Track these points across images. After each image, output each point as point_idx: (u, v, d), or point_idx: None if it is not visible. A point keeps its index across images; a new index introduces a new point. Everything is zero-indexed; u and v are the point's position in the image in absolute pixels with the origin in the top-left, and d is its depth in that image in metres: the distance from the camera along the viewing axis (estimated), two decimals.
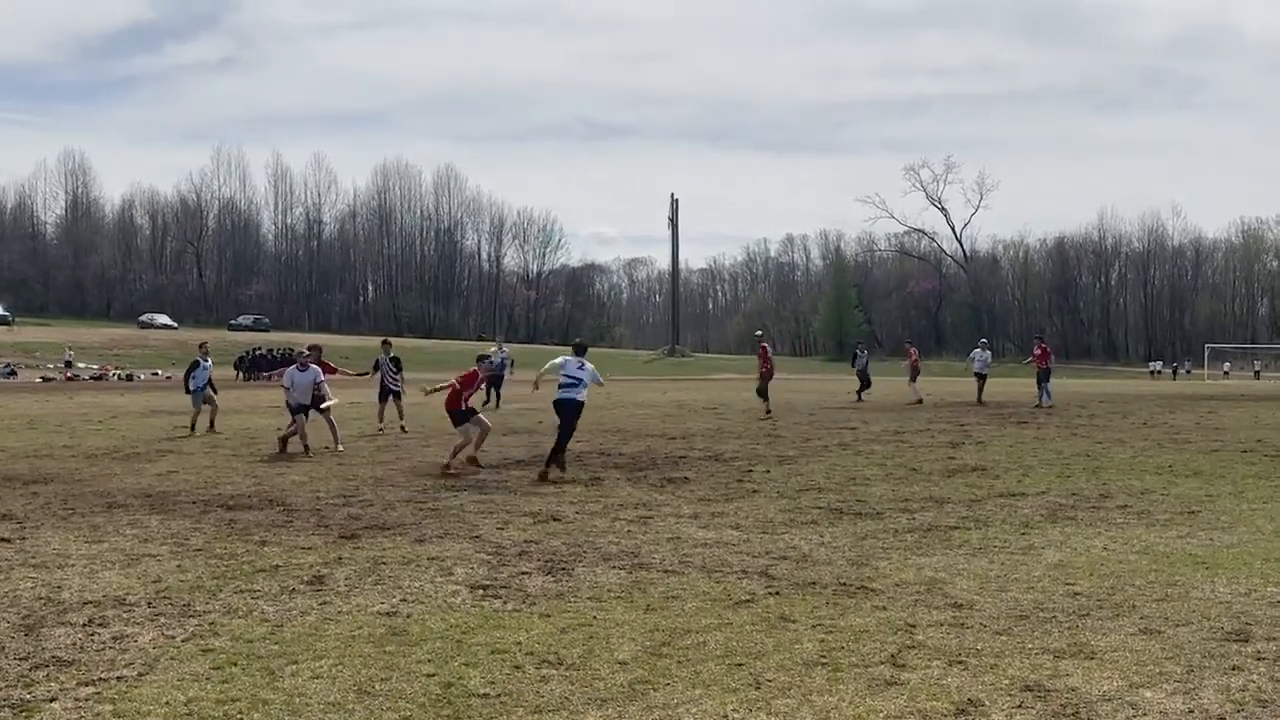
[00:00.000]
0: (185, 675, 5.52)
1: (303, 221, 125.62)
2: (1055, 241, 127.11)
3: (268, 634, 6.29)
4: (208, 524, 10.01)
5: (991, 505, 11.27)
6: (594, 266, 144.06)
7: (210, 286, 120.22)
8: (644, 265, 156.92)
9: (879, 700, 5.18)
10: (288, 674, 5.55)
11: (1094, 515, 10.65)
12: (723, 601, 7.09)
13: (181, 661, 5.75)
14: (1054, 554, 8.72)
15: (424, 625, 6.49)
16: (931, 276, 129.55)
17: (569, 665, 5.70)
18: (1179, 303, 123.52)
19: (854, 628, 6.44)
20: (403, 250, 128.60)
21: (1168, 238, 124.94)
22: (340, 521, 10.14)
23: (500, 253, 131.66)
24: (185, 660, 5.77)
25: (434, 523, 10.11)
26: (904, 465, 14.64)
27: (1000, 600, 7.15)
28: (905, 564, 8.32)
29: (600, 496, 11.83)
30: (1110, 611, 6.85)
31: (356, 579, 7.73)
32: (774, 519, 10.42)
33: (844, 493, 12.13)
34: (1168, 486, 12.63)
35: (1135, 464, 14.82)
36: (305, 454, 15.85)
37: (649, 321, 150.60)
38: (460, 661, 5.76)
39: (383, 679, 5.48)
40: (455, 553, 8.68)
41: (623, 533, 9.64)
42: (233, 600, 7.09)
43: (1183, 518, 10.48)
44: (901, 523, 10.21)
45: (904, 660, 5.79)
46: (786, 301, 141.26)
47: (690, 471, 13.93)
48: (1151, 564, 8.31)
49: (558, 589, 7.45)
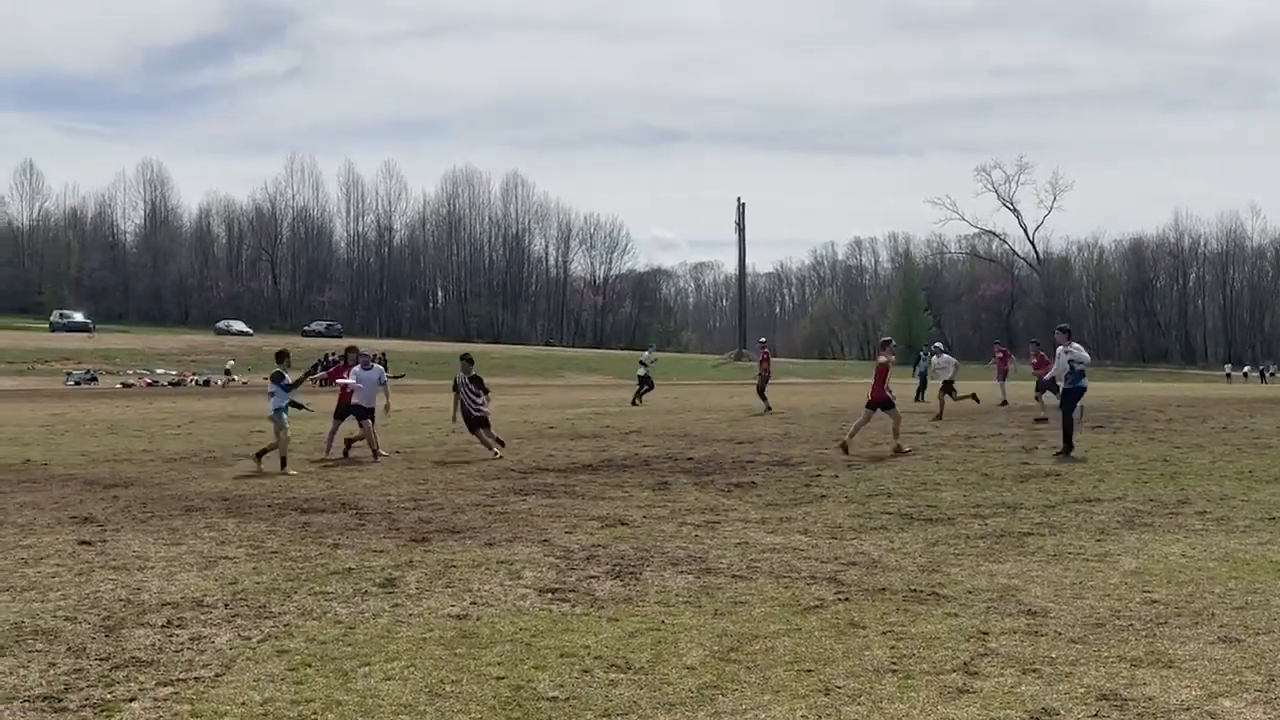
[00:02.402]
0: (261, 676, 5.61)
1: (374, 228, 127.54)
2: (1131, 243, 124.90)
3: (341, 635, 6.37)
4: (282, 527, 10.17)
5: (1066, 511, 11.09)
6: (660, 271, 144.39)
7: (284, 293, 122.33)
8: (710, 269, 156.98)
9: (951, 708, 5.12)
10: (360, 675, 5.62)
11: (1171, 521, 10.43)
12: (791, 607, 7.05)
13: (257, 662, 5.85)
14: (1130, 561, 8.55)
15: (494, 628, 6.54)
16: (1003, 279, 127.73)
17: (637, 669, 5.71)
18: (1259, 304, 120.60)
19: (925, 634, 6.37)
20: (471, 256, 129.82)
21: (1246, 238, 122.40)
22: (411, 525, 10.26)
23: (567, 258, 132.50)
24: (261, 661, 5.88)
25: (503, 526, 10.18)
26: (975, 470, 14.45)
27: (1075, 608, 7.03)
28: (977, 570, 8.22)
29: (667, 501, 11.83)
30: (1189, 619, 6.70)
31: (427, 582, 7.81)
32: (842, 524, 10.34)
33: (914, 498, 12.00)
34: (1248, 492, 12.32)
35: (1214, 469, 14.48)
36: (374, 459, 15.83)
37: (716, 326, 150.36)
38: (530, 664, 5.80)
39: (453, 681, 5.53)
40: (524, 556, 8.74)
41: (690, 537, 9.63)
42: (307, 602, 7.20)
43: (1263, 524, 10.22)
44: (973, 528, 10.08)
45: (976, 668, 5.72)
46: (855, 305, 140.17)
47: (757, 476, 13.88)
48: (1231, 571, 8.12)
49: (626, 593, 7.46)
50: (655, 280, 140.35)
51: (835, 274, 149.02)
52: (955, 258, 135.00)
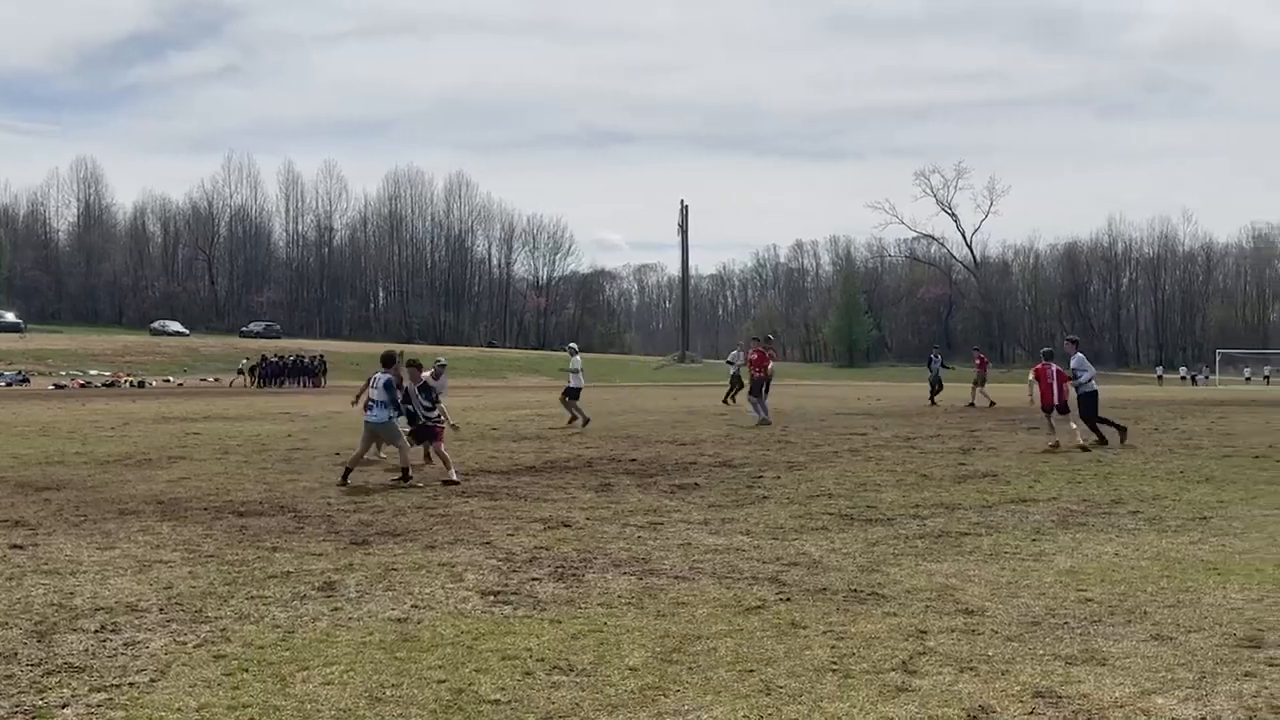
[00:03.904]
0: (197, 682, 5.53)
1: (313, 228, 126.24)
2: (1066, 247, 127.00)
3: (279, 640, 6.30)
4: (219, 530, 10.03)
5: (1002, 511, 11.25)
6: (604, 273, 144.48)
7: (222, 293, 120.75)
8: (654, 271, 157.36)
9: (890, 707, 5.18)
10: (299, 680, 5.56)
11: (1105, 521, 10.62)
12: (733, 608, 7.09)
13: (193, 668, 5.76)
14: (1065, 560, 8.70)
15: (435, 631, 6.50)
16: (942, 282, 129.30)
17: (580, 671, 5.71)
18: (1190, 308, 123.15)
19: (865, 634, 6.43)
20: (413, 257, 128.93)
21: (1178, 243, 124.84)
22: (351, 528, 10.17)
23: (510, 259, 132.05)
24: (197, 666, 5.79)
25: (444, 529, 10.13)
26: (915, 471, 14.62)
27: (1011, 606, 7.13)
28: (916, 570, 8.31)
29: (610, 503, 11.84)
30: (1122, 618, 6.83)
31: (367, 585, 7.74)
32: (784, 525, 10.41)
33: (855, 499, 12.12)
34: (1179, 492, 12.59)
35: (1146, 470, 14.77)
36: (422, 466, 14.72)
37: (659, 328, 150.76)
38: (471, 668, 5.77)
39: (394, 685, 5.48)
40: (466, 559, 8.70)
41: (633, 539, 9.64)
42: (244, 606, 7.11)
43: (1194, 524, 10.44)
44: (912, 529, 10.20)
45: (915, 667, 5.78)
46: (797, 307, 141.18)
47: (700, 478, 13.93)
48: (1163, 570, 8.29)
49: (568, 595, 7.46)
50: (598, 282, 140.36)
51: (777, 276, 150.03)
52: (895, 261, 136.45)
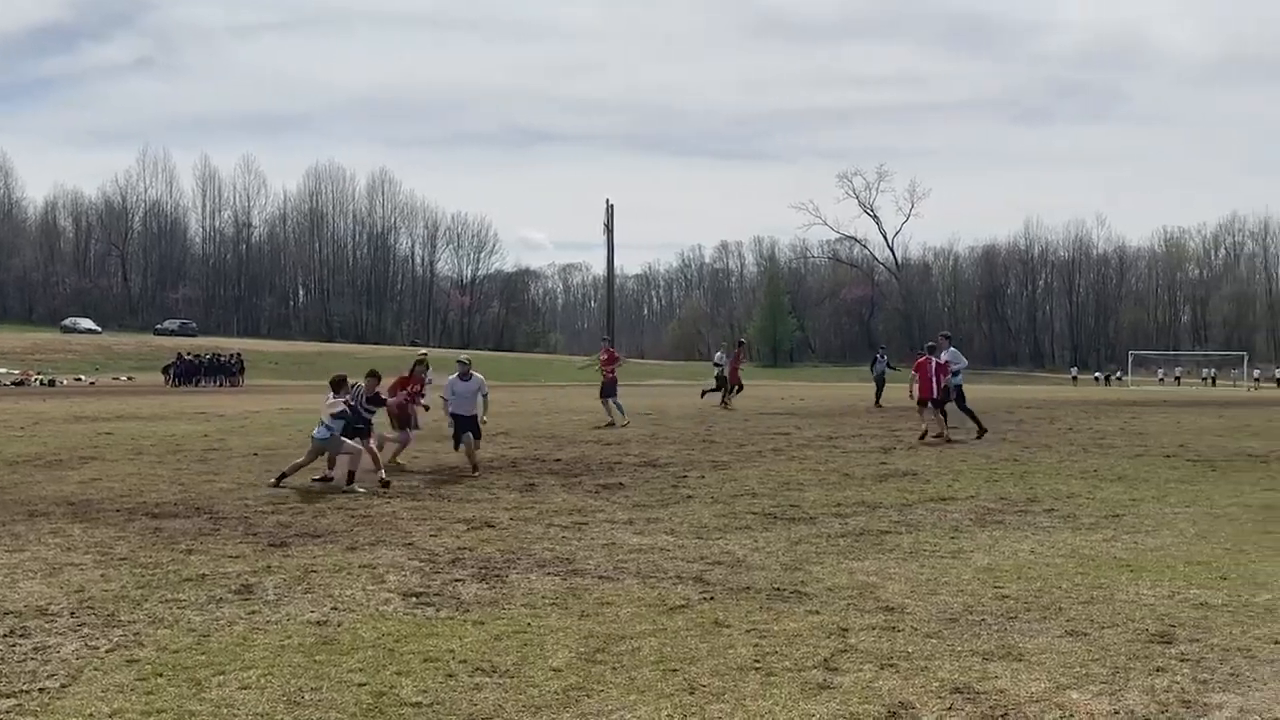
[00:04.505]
0: (109, 687, 5.40)
1: (231, 224, 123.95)
2: (984, 250, 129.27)
3: (194, 644, 6.17)
4: (132, 532, 9.81)
5: (922, 510, 11.42)
6: (528, 272, 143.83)
7: (135, 290, 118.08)
8: (579, 271, 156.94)
9: (812, 704, 5.22)
10: (215, 685, 5.45)
11: (1021, 519, 10.83)
12: (657, 607, 7.10)
13: (105, 673, 5.63)
14: (983, 557, 8.85)
15: (355, 634, 6.41)
16: (864, 283, 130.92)
17: (503, 672, 5.67)
18: (1104, 310, 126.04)
19: (787, 632, 6.48)
20: (335, 254, 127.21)
21: (1092, 247, 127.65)
22: (269, 529, 10.00)
23: (434, 257, 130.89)
24: (109, 671, 5.65)
25: (366, 530, 10.00)
26: (837, 470, 14.76)
27: (931, 604, 7.23)
28: (838, 568, 8.39)
29: (535, 503, 11.79)
30: (1038, 614, 6.96)
31: (286, 588, 7.62)
32: (708, 524, 10.45)
33: (778, 498, 12.20)
34: (1092, 490, 12.87)
35: (1061, 469, 15.09)
36: (474, 473, 14.18)
37: (584, 327, 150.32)
38: (392, 670, 5.70)
39: (313, 689, 5.40)
40: (388, 560, 8.60)
41: (557, 539, 9.61)
42: (158, 610, 6.96)
43: (1107, 521, 10.69)
44: (834, 527, 10.30)
45: (836, 664, 5.83)
46: (721, 308, 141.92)
47: (625, 477, 13.93)
48: (1077, 567, 8.47)
49: (492, 596, 7.41)
50: (523, 281, 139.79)
51: (702, 277, 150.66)
52: (818, 262, 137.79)
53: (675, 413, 27.48)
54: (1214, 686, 5.47)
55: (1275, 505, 11.78)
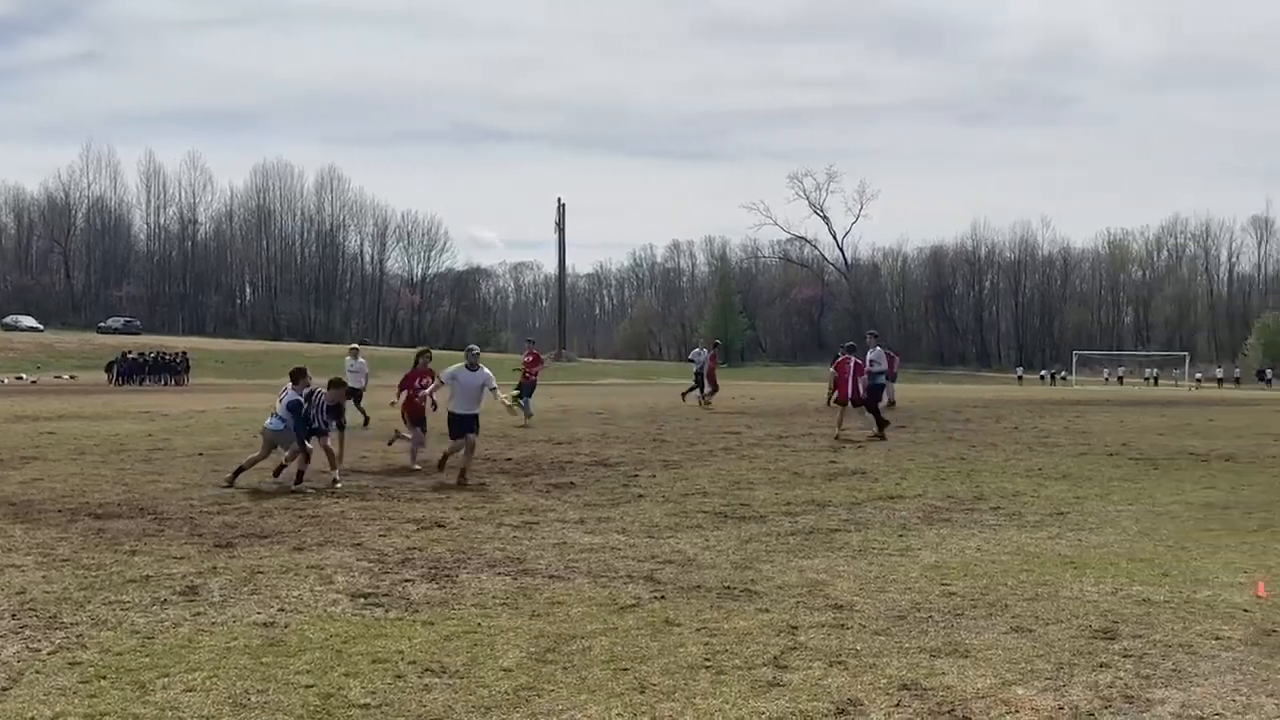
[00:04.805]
0: (51, 689, 5.31)
1: (176, 221, 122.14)
2: (932, 250, 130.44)
3: (138, 646, 6.09)
4: (75, 533, 9.64)
5: (871, 508, 11.51)
6: (479, 270, 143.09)
7: (78, 287, 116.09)
8: (530, 270, 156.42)
9: (761, 702, 5.24)
10: (159, 687, 5.38)
11: (968, 517, 10.95)
12: (608, 606, 7.10)
13: (47, 675, 5.53)
14: (930, 555, 8.93)
15: (302, 635, 6.35)
16: (814, 283, 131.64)
17: (452, 673, 5.64)
18: (1048, 311, 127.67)
19: (738, 630, 6.50)
20: (282, 252, 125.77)
21: (1038, 248, 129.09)
22: (215, 530, 9.88)
23: (384, 256, 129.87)
24: (51, 674, 5.56)
25: (314, 530, 9.91)
26: (787, 469, 14.84)
27: (879, 601, 7.29)
28: (788, 566, 8.44)
29: (485, 503, 11.74)
30: (984, 611, 7.04)
31: (231, 589, 7.53)
32: (659, 523, 10.46)
33: (728, 497, 12.25)
34: (1037, 489, 13.04)
35: (1007, 467, 15.27)
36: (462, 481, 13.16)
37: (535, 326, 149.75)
38: (340, 672, 5.66)
39: (259, 691, 5.34)
40: (336, 561, 8.52)
41: (508, 539, 9.58)
42: (101, 612, 6.85)
43: (1052, 519, 10.83)
44: (784, 526, 10.35)
45: (786, 662, 5.87)
46: (673, 307, 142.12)
47: (576, 477, 13.92)
48: (1023, 564, 8.58)
49: (441, 596, 7.37)
50: (474, 280, 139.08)
51: (654, 276, 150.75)
52: (769, 262, 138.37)
53: (626, 412, 27.50)
54: (1156, 682, 5.57)
55: (1216, 503, 12.01)
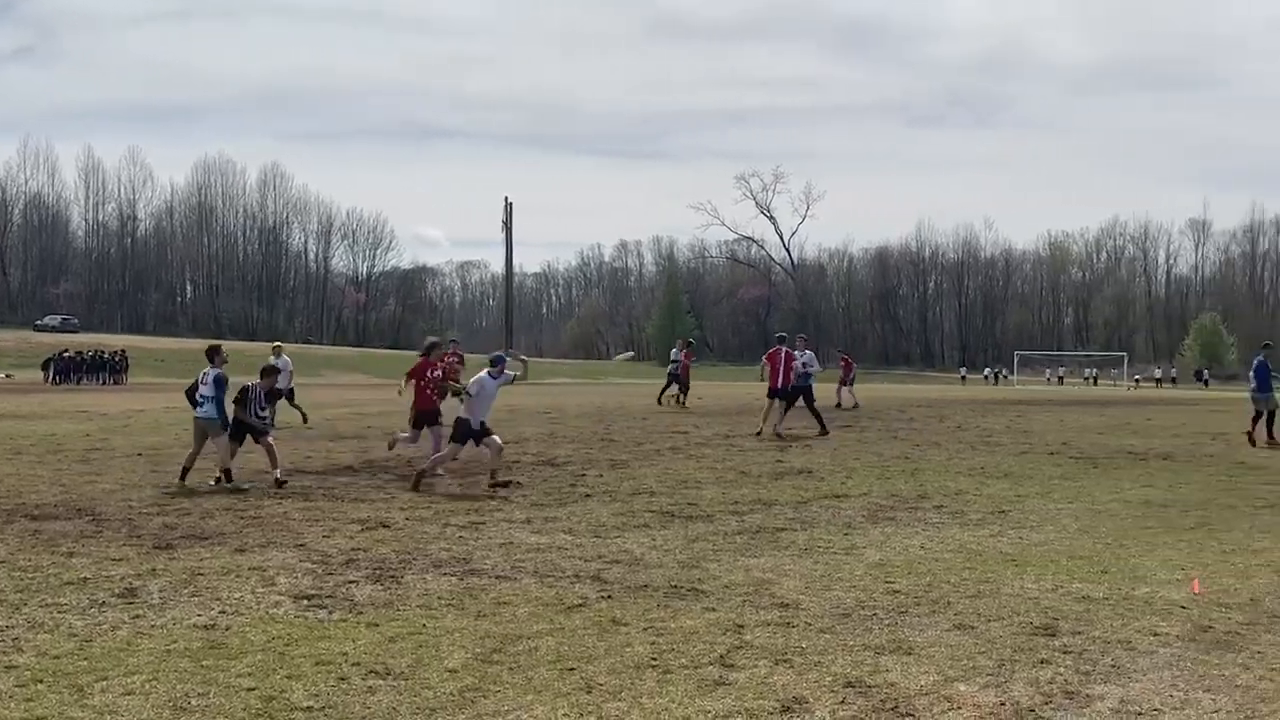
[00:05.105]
0: None
1: (115, 218, 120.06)
2: (877, 251, 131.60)
3: (76, 649, 5.98)
4: (10, 535, 9.45)
5: (817, 507, 11.58)
6: (425, 269, 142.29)
7: (14, 284, 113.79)
8: (477, 268, 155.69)
9: (708, 700, 5.25)
10: (98, 691, 5.29)
11: (912, 515, 11.05)
12: (555, 606, 7.08)
13: None
14: (875, 553, 9.01)
15: (244, 638, 6.27)
16: (761, 283, 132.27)
17: (397, 675, 5.60)
18: (991, 311, 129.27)
19: (684, 629, 6.51)
20: (224, 249, 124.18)
21: (980, 249, 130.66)
22: (154, 531, 9.72)
23: (328, 253, 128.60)
24: None
25: (256, 531, 9.79)
26: (734, 469, 14.89)
27: (824, 599, 7.34)
28: (734, 565, 8.47)
29: (431, 503, 11.66)
30: (927, 608, 7.11)
31: (171, 591, 7.42)
32: (606, 523, 10.46)
33: (675, 496, 12.26)
34: (980, 487, 13.19)
35: (950, 466, 15.43)
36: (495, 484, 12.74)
37: (482, 325, 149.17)
38: (283, 674, 5.59)
39: (200, 694, 5.27)
40: (278, 562, 8.43)
41: (454, 539, 9.52)
42: (38, 614, 6.72)
43: (994, 517, 10.97)
44: (731, 525, 10.39)
45: (732, 660, 5.89)
46: (621, 306, 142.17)
47: (523, 476, 13.86)
48: (965, 562, 8.67)
49: (386, 597, 7.31)
50: (420, 278, 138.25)
51: (601, 275, 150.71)
52: (716, 262, 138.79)
53: (574, 411, 27.44)
54: (1096, 678, 5.65)
55: (1154, 501, 12.23)
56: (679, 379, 29.06)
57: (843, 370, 32.56)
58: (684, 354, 29.50)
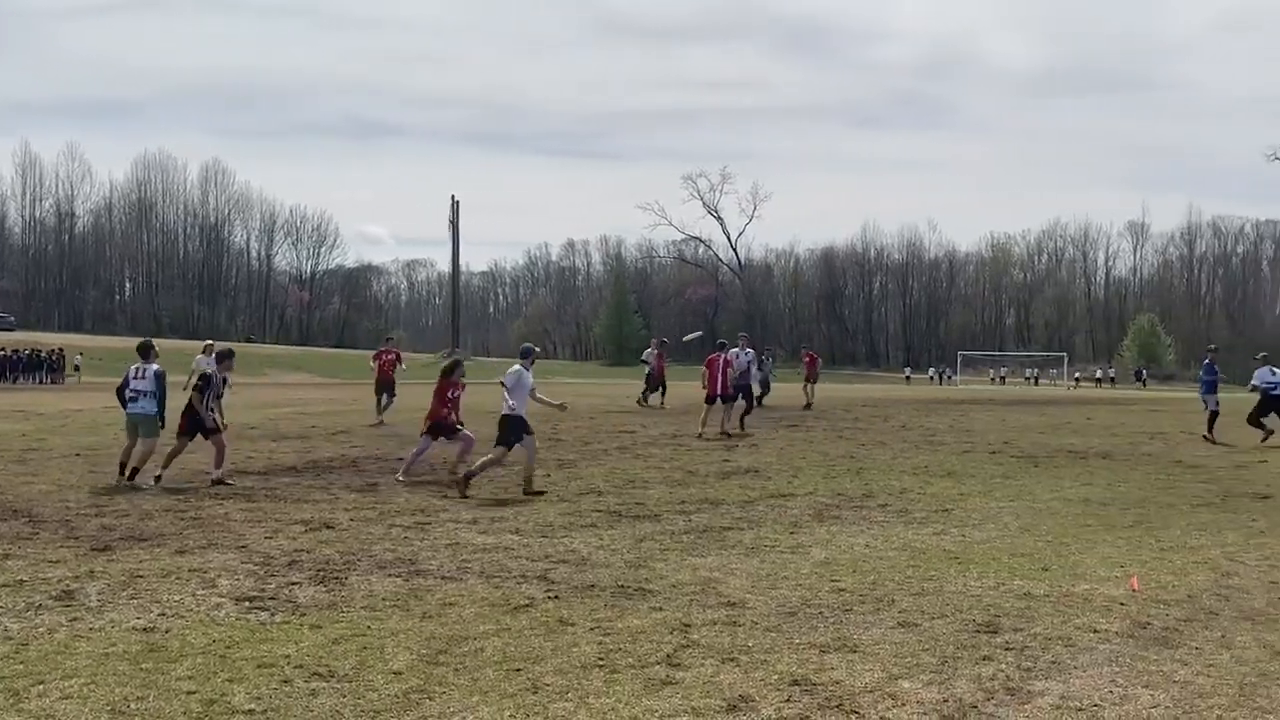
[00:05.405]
0: None
1: (53, 214, 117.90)
2: (823, 252, 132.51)
3: (11, 653, 5.86)
4: None
5: (763, 506, 11.63)
6: (371, 267, 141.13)
7: None
8: (424, 267, 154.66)
9: (654, 700, 5.26)
10: (34, 695, 5.19)
11: (857, 514, 11.14)
12: (501, 607, 7.05)
13: None
14: (820, 552, 9.07)
15: (184, 640, 6.18)
16: (708, 283, 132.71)
17: (340, 677, 5.54)
18: (935, 312, 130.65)
19: (631, 629, 6.51)
20: (164, 246, 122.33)
21: (924, 251, 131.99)
22: (92, 533, 9.55)
23: (271, 251, 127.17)
24: None
25: (196, 533, 9.65)
26: (681, 468, 14.92)
27: (770, 598, 7.37)
28: (681, 565, 8.48)
29: (376, 503, 11.57)
30: (871, 606, 7.17)
31: (110, 593, 7.29)
32: (554, 523, 10.43)
33: (622, 495, 12.26)
34: (924, 486, 13.33)
35: (894, 465, 15.58)
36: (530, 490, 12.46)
37: (429, 324, 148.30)
38: (224, 677, 5.52)
39: (139, 698, 5.19)
40: (219, 564, 8.31)
41: (399, 539, 9.45)
42: None
43: (937, 516, 11.08)
44: (678, 524, 10.40)
45: (679, 659, 5.90)
46: (568, 306, 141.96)
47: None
48: (909, 560, 8.75)
49: (330, 599, 7.24)
50: (365, 277, 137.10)
51: (549, 275, 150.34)
52: (664, 262, 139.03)
53: None
54: (1037, 674, 5.73)
55: (1093, 499, 12.42)
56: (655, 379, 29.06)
57: (807, 368, 32.67)
58: (658, 354, 29.65)
